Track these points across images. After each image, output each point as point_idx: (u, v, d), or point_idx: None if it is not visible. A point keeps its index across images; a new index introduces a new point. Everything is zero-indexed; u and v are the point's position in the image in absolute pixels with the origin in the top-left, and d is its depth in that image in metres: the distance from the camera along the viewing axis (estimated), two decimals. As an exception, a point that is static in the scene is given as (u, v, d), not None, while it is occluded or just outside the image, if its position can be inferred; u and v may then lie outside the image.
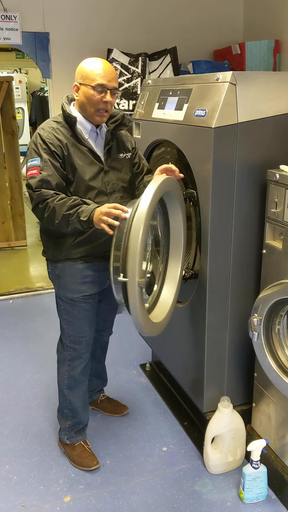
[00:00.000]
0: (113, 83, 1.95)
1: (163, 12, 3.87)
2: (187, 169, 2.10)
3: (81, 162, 1.99)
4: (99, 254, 2.10)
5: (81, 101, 1.98)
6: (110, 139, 2.08)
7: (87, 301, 2.15)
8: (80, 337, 2.20)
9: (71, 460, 2.29)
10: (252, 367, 2.17)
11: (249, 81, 1.90)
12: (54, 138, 1.94)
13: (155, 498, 2.09)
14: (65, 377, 2.26)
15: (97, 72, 1.92)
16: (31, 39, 3.59)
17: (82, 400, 2.31)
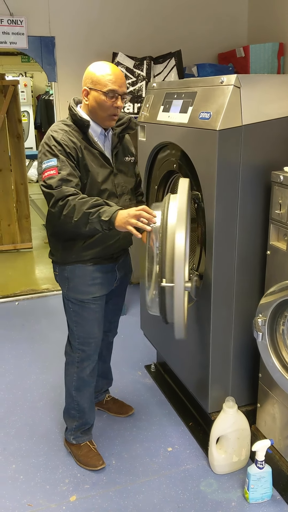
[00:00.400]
0: (124, 88, 1.97)
1: (167, 16, 3.90)
2: (192, 171, 2.12)
3: (94, 164, 2.01)
4: (108, 255, 2.13)
5: (91, 106, 2.00)
6: (117, 142, 2.11)
7: (97, 302, 2.17)
8: (90, 338, 2.22)
9: (77, 460, 2.31)
10: (257, 368, 2.18)
11: (253, 84, 1.92)
12: (68, 140, 1.95)
13: (161, 497, 2.11)
14: (74, 378, 2.28)
15: (108, 78, 1.94)
16: (37, 43, 3.63)
17: (89, 400, 2.33)
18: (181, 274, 1.69)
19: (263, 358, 2.00)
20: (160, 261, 1.73)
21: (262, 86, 1.96)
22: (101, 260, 2.11)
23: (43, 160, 1.94)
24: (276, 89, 1.99)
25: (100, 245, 2.08)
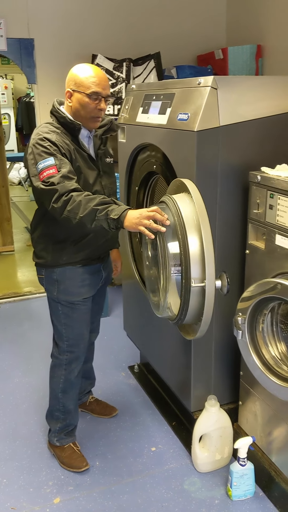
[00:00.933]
0: (107, 91, 1.99)
1: (147, 18, 3.92)
2: (172, 172, 2.13)
3: (84, 166, 2.02)
4: (96, 256, 2.15)
5: (74, 108, 2.00)
6: (100, 144, 2.13)
7: (86, 303, 2.19)
8: (79, 340, 2.23)
9: (61, 462, 2.30)
10: (238, 366, 2.21)
11: (230, 86, 1.95)
12: (62, 141, 1.95)
13: (145, 497, 2.11)
14: (61, 380, 2.27)
15: (92, 80, 1.94)
16: (16, 45, 3.62)
17: (74, 402, 2.34)
18: (212, 273, 1.69)
19: (244, 356, 2.02)
20: (185, 262, 1.71)
21: (239, 87, 1.98)
22: (90, 261, 2.13)
23: (38, 160, 1.89)
24: (253, 91, 2.02)
25: (91, 246, 2.10)
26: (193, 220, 1.73)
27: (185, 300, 1.75)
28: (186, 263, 1.70)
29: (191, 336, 1.90)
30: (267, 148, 2.03)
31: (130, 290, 2.82)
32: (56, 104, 2.04)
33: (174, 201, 1.79)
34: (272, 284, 1.80)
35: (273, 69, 3.63)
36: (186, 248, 1.70)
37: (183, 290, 1.73)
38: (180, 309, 1.78)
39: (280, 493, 2.02)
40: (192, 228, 1.71)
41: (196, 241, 1.70)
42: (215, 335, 2.18)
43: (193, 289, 1.70)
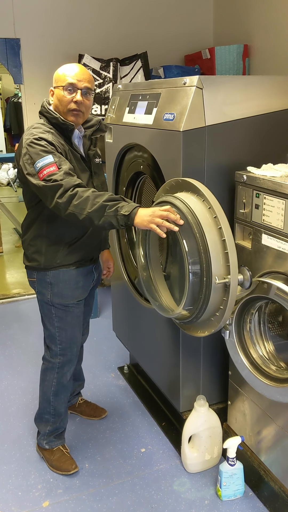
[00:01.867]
0: (84, 83, 1.96)
1: (134, 18, 3.91)
2: (158, 172, 2.13)
3: (78, 167, 2.02)
4: (90, 257, 2.15)
5: (55, 104, 2.01)
6: (90, 144, 2.13)
7: (79, 306, 2.19)
8: (72, 343, 2.22)
9: (50, 465, 2.29)
10: (226, 366, 2.20)
11: (215, 85, 1.94)
12: (57, 141, 1.94)
13: (134, 499, 2.11)
14: (53, 384, 2.25)
15: (67, 73, 1.96)
16: (1, 45, 3.59)
17: (65, 405, 2.33)
18: (236, 268, 1.69)
19: (231, 356, 2.02)
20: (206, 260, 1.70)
21: (225, 87, 1.98)
22: (83, 262, 2.12)
23: (36, 159, 1.86)
24: (239, 90, 2.02)
25: (85, 248, 2.09)
26: (206, 218, 1.72)
27: (205, 298, 1.74)
28: (207, 260, 1.70)
29: (202, 333, 1.90)
30: (253, 148, 2.03)
31: (119, 291, 2.81)
32: (46, 105, 2.03)
33: (183, 200, 1.78)
34: (259, 284, 1.80)
35: (260, 69, 3.64)
36: (206, 246, 1.70)
37: (204, 288, 1.73)
38: (198, 307, 1.78)
39: (269, 493, 2.02)
40: (207, 226, 1.71)
41: (214, 238, 1.70)
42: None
43: (215, 286, 1.70)
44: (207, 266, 1.71)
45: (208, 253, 1.69)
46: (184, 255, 1.74)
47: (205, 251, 1.70)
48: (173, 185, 1.93)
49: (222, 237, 1.70)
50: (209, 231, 1.71)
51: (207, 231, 1.70)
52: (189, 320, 1.86)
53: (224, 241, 1.70)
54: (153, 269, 2.13)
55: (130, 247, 2.65)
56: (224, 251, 1.70)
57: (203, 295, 1.74)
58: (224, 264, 1.71)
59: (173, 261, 2.08)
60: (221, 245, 1.71)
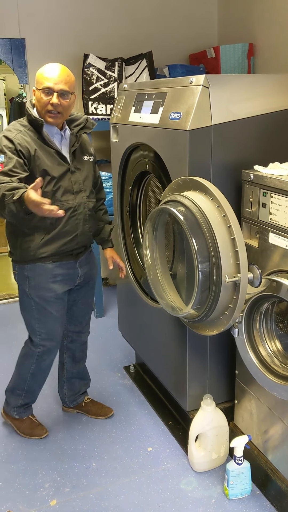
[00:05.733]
0: (60, 86, 2.03)
1: (138, 17, 3.91)
2: (165, 171, 2.13)
3: (49, 162, 2.08)
4: (67, 252, 2.19)
5: (36, 104, 2.10)
6: (75, 141, 2.18)
7: (59, 299, 2.23)
8: (52, 334, 2.29)
9: (21, 432, 2.45)
10: (233, 365, 2.20)
11: (221, 84, 1.94)
12: (21, 139, 2.03)
13: (141, 498, 2.11)
14: (31, 367, 2.36)
15: (45, 76, 2.04)
16: (7, 45, 3.60)
17: (40, 384, 2.44)
18: (246, 267, 1.70)
19: (241, 354, 2.02)
20: (215, 258, 1.71)
21: (230, 86, 1.98)
22: (61, 257, 2.17)
23: None
24: (245, 89, 2.01)
25: (57, 242, 2.14)
26: (215, 217, 1.73)
27: (215, 296, 1.75)
28: (217, 259, 1.70)
29: (210, 332, 1.90)
30: (260, 147, 2.03)
31: (124, 290, 2.81)
32: (28, 103, 2.14)
33: (191, 199, 1.79)
34: (267, 283, 1.80)
35: (265, 67, 3.63)
36: (215, 245, 1.70)
37: (214, 286, 1.74)
38: (207, 306, 1.78)
39: (276, 491, 2.02)
40: (216, 225, 1.72)
41: (223, 237, 1.71)
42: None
43: (225, 284, 1.70)
44: (217, 265, 1.71)
45: (218, 251, 1.69)
46: (194, 254, 1.74)
47: (215, 249, 1.70)
48: (180, 184, 1.93)
49: (232, 235, 1.70)
50: (219, 230, 1.71)
51: (217, 229, 1.71)
52: (198, 319, 1.86)
53: (233, 240, 1.70)
54: (160, 269, 2.13)
55: (135, 246, 2.65)
56: (234, 249, 1.70)
57: (212, 293, 1.74)
58: (233, 263, 1.71)
59: (179, 260, 2.08)
60: (231, 244, 1.71)
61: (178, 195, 1.87)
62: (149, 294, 2.52)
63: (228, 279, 1.70)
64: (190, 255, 1.82)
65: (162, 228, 2.10)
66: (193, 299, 1.79)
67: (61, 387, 2.61)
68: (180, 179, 1.93)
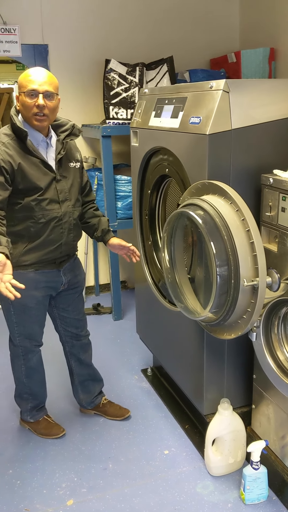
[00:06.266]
0: (45, 87, 2.01)
1: (159, 22, 3.94)
2: (184, 175, 2.14)
3: (34, 172, 2.06)
4: (51, 261, 2.20)
5: (20, 110, 2.08)
6: (61, 148, 2.16)
7: (40, 304, 2.26)
8: (30, 335, 2.34)
9: (39, 434, 2.49)
10: (251, 369, 2.20)
11: (242, 89, 1.95)
12: (4, 153, 2.00)
13: (157, 500, 2.11)
14: (22, 369, 2.40)
15: (28, 79, 2.01)
16: (30, 51, 3.66)
17: (40, 383, 2.48)
18: (264, 271, 1.70)
19: (258, 358, 2.02)
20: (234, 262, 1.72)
21: (251, 90, 1.98)
22: (44, 265, 2.18)
23: None
24: (265, 94, 2.02)
25: (41, 250, 2.15)
26: (234, 220, 1.73)
27: (233, 300, 1.75)
28: (236, 263, 1.71)
29: (228, 335, 1.90)
30: (280, 151, 2.03)
31: (143, 293, 2.83)
32: (13, 110, 2.10)
33: (210, 202, 1.80)
34: (286, 287, 1.79)
35: (286, 72, 3.62)
36: (234, 248, 1.71)
37: (232, 290, 1.74)
38: (226, 309, 1.79)
39: (293, 498, 2.01)
40: (234, 228, 1.72)
41: (242, 241, 1.71)
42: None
43: (243, 288, 1.71)
44: (235, 269, 1.71)
45: (236, 255, 1.70)
46: (212, 257, 1.75)
47: (233, 253, 1.71)
48: (199, 188, 1.94)
49: (250, 239, 1.70)
50: (237, 234, 1.71)
51: (235, 233, 1.71)
52: (216, 323, 1.87)
53: (252, 244, 1.70)
54: (178, 272, 2.14)
55: (154, 249, 2.66)
56: (252, 253, 1.70)
57: (230, 297, 1.75)
58: (252, 267, 1.71)
59: (198, 264, 2.08)
60: (249, 248, 1.71)
61: (197, 198, 1.88)
62: (167, 298, 2.53)
63: (246, 283, 1.70)
64: (208, 259, 1.83)
65: (181, 231, 2.11)
66: (211, 302, 1.80)
67: (76, 392, 2.63)
68: (199, 183, 1.94)
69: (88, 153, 4.02)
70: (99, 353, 3.27)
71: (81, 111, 3.89)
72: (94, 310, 3.94)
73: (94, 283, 4.32)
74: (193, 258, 2.13)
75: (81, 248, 4.11)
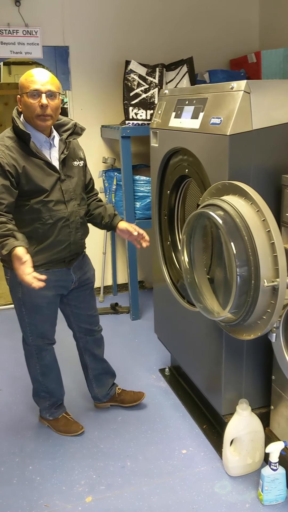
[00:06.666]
0: (47, 87, 2.03)
1: (179, 23, 3.95)
2: (204, 175, 2.15)
3: (39, 174, 2.08)
4: (60, 260, 2.23)
5: (23, 111, 2.09)
6: (64, 148, 2.18)
7: (51, 303, 2.30)
8: (43, 334, 2.37)
9: (58, 431, 2.52)
10: (270, 370, 2.19)
11: (262, 90, 1.95)
12: (8, 157, 2.02)
13: (175, 499, 2.12)
14: (37, 367, 2.44)
15: (29, 79, 2.03)
16: (51, 53, 3.70)
17: (56, 381, 2.51)
18: (285, 271, 1.71)
19: (278, 359, 2.01)
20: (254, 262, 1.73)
21: (271, 91, 1.98)
22: (53, 264, 2.20)
23: None
24: (286, 94, 2.01)
25: (50, 251, 2.18)
26: (255, 221, 1.74)
27: (253, 301, 1.76)
28: (256, 263, 1.71)
29: (247, 336, 1.91)
30: (301, 152, 2.02)
31: (161, 293, 2.84)
32: (14, 112, 2.11)
33: (230, 203, 1.80)
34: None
35: (307, 72, 3.59)
36: (255, 249, 1.71)
37: (252, 291, 1.75)
38: (245, 310, 1.79)
39: (312, 500, 2.00)
40: (255, 229, 1.73)
41: (262, 241, 1.72)
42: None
43: (263, 289, 1.71)
44: (256, 269, 1.72)
45: (257, 256, 1.70)
46: (232, 257, 1.75)
47: (254, 254, 1.71)
48: (220, 188, 1.95)
49: (271, 240, 1.70)
50: (258, 234, 1.72)
51: (256, 234, 1.71)
52: (235, 323, 1.87)
53: (273, 244, 1.70)
54: (197, 273, 2.15)
55: (173, 250, 2.68)
56: (273, 254, 1.71)
57: (250, 298, 1.75)
58: (272, 267, 1.71)
59: (217, 265, 2.09)
60: (270, 248, 1.71)
61: (217, 199, 1.89)
62: (185, 298, 2.54)
63: (266, 283, 1.70)
64: (228, 259, 1.83)
65: (200, 232, 2.12)
66: (231, 303, 1.80)
67: (90, 387, 2.67)
68: (220, 183, 1.95)
69: (107, 153, 4.05)
70: (117, 353, 3.30)
71: (101, 112, 3.92)
72: (112, 309, 3.97)
73: (112, 283, 4.34)
74: (212, 258, 2.13)
75: (99, 248, 4.14)
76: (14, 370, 3.17)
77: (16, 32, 3.56)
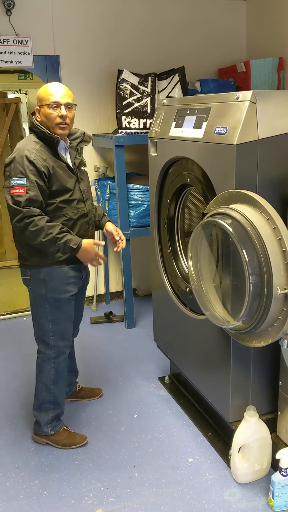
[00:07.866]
0: (66, 99, 2.24)
1: (168, 33, 3.99)
2: (208, 184, 2.17)
3: (63, 175, 2.27)
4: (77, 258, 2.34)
5: (42, 121, 2.27)
6: (76, 154, 2.40)
7: (71, 300, 2.41)
8: (64, 334, 2.42)
9: (62, 445, 2.49)
10: (277, 376, 2.21)
11: (267, 99, 1.98)
12: (40, 159, 2.19)
13: (186, 508, 2.12)
14: (51, 373, 2.46)
15: (49, 93, 2.23)
16: (42, 62, 3.69)
17: (63, 391, 2.55)
18: None
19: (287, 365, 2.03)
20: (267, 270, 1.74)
21: (275, 101, 2.01)
22: (73, 261, 2.32)
23: (12, 176, 2.17)
24: (289, 104, 2.05)
25: None
26: (266, 229, 1.76)
27: (265, 308, 1.78)
28: (268, 271, 1.74)
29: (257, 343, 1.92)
30: (304, 160, 2.06)
31: (161, 301, 2.84)
32: (35, 121, 2.29)
33: (240, 211, 1.83)
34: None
35: (296, 81, 3.67)
36: (267, 257, 1.74)
37: (265, 298, 1.77)
38: (257, 317, 1.81)
39: None
40: (266, 237, 1.75)
41: (274, 249, 1.74)
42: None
43: (276, 296, 1.73)
44: (268, 277, 1.73)
45: (269, 263, 1.72)
46: (244, 265, 1.77)
47: (266, 262, 1.73)
48: (226, 197, 1.97)
49: (283, 248, 1.73)
50: (269, 242, 1.74)
51: (267, 242, 1.73)
52: (246, 331, 1.88)
53: (284, 252, 1.72)
54: (204, 281, 2.16)
55: (173, 258, 2.68)
56: (285, 261, 1.73)
57: (263, 305, 1.77)
58: (284, 275, 1.73)
59: (224, 273, 2.10)
60: (282, 256, 1.73)
61: (225, 207, 1.91)
62: (188, 305, 2.55)
63: (280, 291, 1.72)
64: (240, 267, 1.85)
65: (206, 240, 2.14)
66: (243, 310, 1.81)
67: None
68: (226, 193, 1.97)
69: (99, 162, 4.05)
70: (114, 361, 3.29)
71: (91, 121, 3.92)
72: (106, 318, 3.95)
73: (105, 291, 4.33)
74: (219, 266, 2.15)
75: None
76: (10, 382, 3.13)
77: (6, 42, 3.54)
